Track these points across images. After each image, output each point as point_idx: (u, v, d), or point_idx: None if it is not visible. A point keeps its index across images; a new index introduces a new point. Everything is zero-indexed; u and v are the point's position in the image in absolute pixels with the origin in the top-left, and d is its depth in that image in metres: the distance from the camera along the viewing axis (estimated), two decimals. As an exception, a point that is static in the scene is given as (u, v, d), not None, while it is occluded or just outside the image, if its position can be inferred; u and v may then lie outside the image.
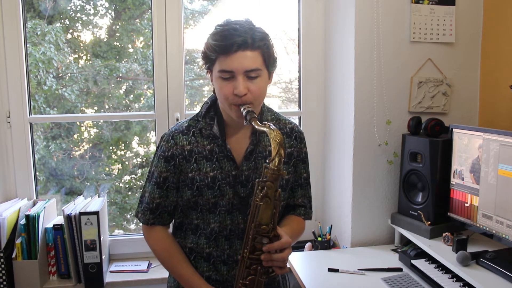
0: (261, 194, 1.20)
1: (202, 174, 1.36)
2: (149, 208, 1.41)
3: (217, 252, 1.40)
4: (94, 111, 2.74)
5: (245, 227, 1.27)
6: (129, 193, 2.92)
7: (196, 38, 2.62)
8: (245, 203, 1.37)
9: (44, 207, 2.06)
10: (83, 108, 2.73)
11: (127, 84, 2.75)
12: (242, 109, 1.25)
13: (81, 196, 2.24)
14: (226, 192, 1.36)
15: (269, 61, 1.31)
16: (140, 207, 1.44)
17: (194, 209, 1.39)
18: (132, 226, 2.98)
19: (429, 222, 1.88)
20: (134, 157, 2.95)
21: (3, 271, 1.91)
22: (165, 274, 2.15)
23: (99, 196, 2.24)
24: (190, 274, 1.40)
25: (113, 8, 2.66)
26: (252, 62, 1.25)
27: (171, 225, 1.50)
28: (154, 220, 1.42)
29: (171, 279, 1.52)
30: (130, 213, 2.91)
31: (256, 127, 1.21)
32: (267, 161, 1.20)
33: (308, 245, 2.25)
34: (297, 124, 1.51)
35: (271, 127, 1.20)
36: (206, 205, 1.37)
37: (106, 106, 2.69)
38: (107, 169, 2.87)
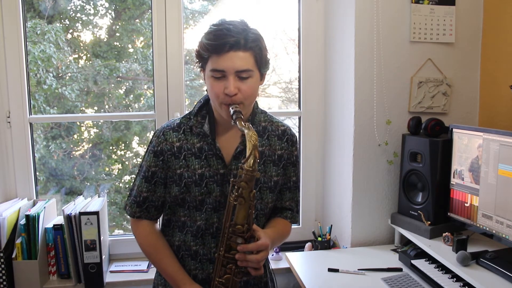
0: (236, 193, 1.21)
1: (190, 171, 1.37)
2: (136, 201, 1.43)
3: (204, 250, 1.41)
4: (94, 111, 2.74)
5: None
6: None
7: (196, 38, 2.61)
8: None
9: (44, 207, 2.05)
10: (83, 108, 2.73)
11: (127, 84, 2.75)
12: (230, 109, 1.26)
13: (81, 196, 2.24)
14: (213, 190, 1.37)
15: (261, 63, 1.32)
16: (128, 200, 1.47)
17: (181, 206, 1.41)
18: (132, 226, 2.98)
19: (429, 222, 1.88)
20: (134, 157, 2.95)
21: (3, 271, 1.91)
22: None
23: (99, 196, 2.24)
24: (174, 269, 1.40)
25: (113, 8, 2.66)
26: (243, 62, 1.27)
27: (160, 222, 1.51)
28: (140, 214, 1.44)
29: (157, 276, 1.53)
30: (130, 213, 2.91)
31: (239, 126, 1.22)
32: (242, 161, 1.21)
33: (308, 245, 2.25)
34: (290, 127, 1.52)
35: (250, 128, 1.21)
36: (193, 202, 1.38)
37: (106, 106, 2.69)
38: (107, 169, 2.86)
